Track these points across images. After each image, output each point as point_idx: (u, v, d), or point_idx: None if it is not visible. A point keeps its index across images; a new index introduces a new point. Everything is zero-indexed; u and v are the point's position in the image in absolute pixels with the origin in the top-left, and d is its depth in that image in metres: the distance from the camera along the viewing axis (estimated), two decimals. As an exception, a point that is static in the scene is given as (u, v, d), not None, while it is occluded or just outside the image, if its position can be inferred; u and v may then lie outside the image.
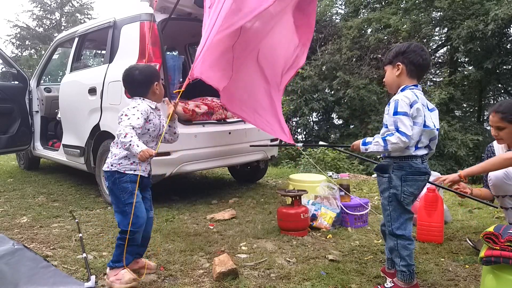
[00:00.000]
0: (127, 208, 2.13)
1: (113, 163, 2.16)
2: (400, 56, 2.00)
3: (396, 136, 1.86)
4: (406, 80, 2.00)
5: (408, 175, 1.95)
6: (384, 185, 2.01)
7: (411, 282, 1.99)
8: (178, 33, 4.74)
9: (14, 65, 4.96)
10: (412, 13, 11.20)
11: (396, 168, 1.96)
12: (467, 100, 12.96)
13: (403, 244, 1.98)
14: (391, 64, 2.04)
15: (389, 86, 2.09)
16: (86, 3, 22.20)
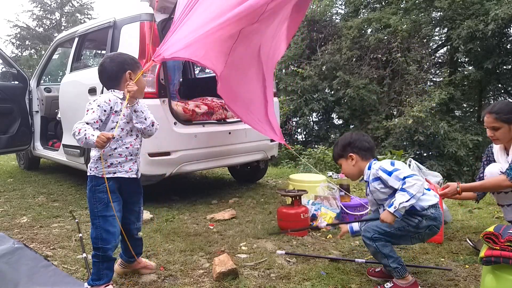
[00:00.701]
0: (97, 220, 1.92)
1: (91, 167, 1.97)
2: (348, 147, 2.19)
3: (408, 181, 1.93)
4: (362, 163, 2.17)
5: (435, 227, 2.05)
6: (410, 222, 2.03)
7: (405, 273, 2.04)
8: (178, 33, 4.73)
9: (14, 65, 4.97)
10: (412, 13, 11.19)
11: (431, 218, 2.03)
12: (467, 100, 12.95)
13: (381, 243, 2.05)
14: (344, 157, 2.21)
15: (351, 176, 2.24)
16: (86, 3, 22.23)
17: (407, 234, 2.05)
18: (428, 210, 2.02)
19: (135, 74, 2.03)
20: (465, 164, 9.59)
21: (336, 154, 2.25)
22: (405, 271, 2.04)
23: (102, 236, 1.93)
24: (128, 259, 2.21)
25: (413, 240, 2.10)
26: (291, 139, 11.62)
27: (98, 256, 1.94)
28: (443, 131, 9.05)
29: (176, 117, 3.57)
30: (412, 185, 1.92)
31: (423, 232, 2.04)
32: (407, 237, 2.07)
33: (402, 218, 2.00)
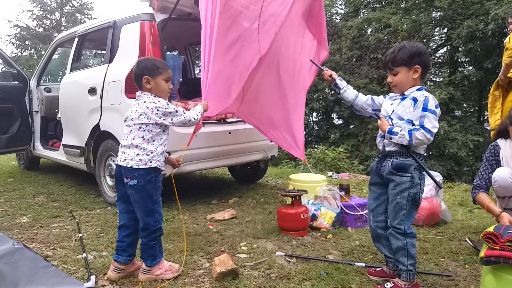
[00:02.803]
0: (156, 206, 2.15)
1: (152, 159, 2.12)
2: (417, 58, 1.99)
3: (421, 133, 1.90)
4: (419, 82, 2.04)
5: (422, 173, 2.01)
6: (404, 185, 1.98)
7: (414, 279, 2.00)
8: (178, 33, 4.74)
9: (14, 65, 4.96)
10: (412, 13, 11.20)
11: (417, 168, 1.98)
12: (467, 100, 12.96)
13: (412, 242, 1.99)
14: (407, 66, 2.01)
15: (400, 87, 2.07)
16: (86, 3, 22.20)
17: (415, 198, 1.98)
18: (413, 159, 1.98)
19: (153, 79, 2.21)
20: (465, 164, 9.60)
21: (399, 59, 2.00)
22: (415, 277, 2.01)
23: (159, 219, 2.18)
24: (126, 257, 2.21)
25: (421, 197, 2.02)
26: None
27: (156, 237, 2.17)
28: (443, 131, 9.05)
29: (176, 117, 3.57)
30: (420, 139, 1.90)
31: (421, 185, 2.00)
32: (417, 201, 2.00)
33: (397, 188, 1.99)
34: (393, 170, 2.01)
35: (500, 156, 2.67)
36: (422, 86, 2.04)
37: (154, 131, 2.16)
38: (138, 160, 2.11)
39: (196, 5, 3.68)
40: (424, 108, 1.92)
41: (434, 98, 1.97)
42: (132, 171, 2.11)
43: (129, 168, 2.11)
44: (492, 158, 2.70)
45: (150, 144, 2.14)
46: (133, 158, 2.11)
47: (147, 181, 2.11)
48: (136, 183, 2.10)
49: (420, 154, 2.02)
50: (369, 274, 2.25)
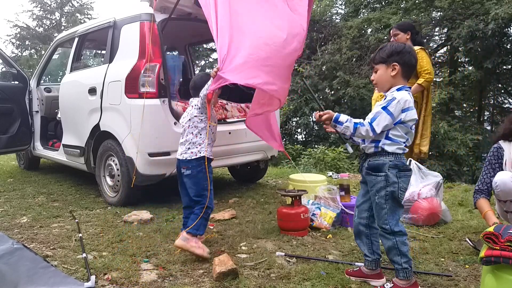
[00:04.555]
0: (206, 192, 2.53)
1: (201, 150, 2.53)
2: (395, 56, 2.00)
3: (366, 129, 1.95)
4: (400, 80, 2.03)
5: (401, 172, 2.01)
6: (380, 184, 2.01)
7: (412, 278, 2.01)
8: (178, 33, 4.74)
9: (14, 65, 4.96)
10: (412, 13, 11.19)
11: (391, 166, 2.00)
12: (467, 100, 12.94)
13: (402, 240, 2.00)
14: (385, 64, 2.04)
15: (380, 85, 2.09)
16: (86, 3, 22.19)
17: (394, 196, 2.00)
18: (386, 158, 2.00)
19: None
20: (465, 164, 9.58)
21: (379, 58, 2.05)
22: (412, 274, 2.02)
23: (212, 198, 2.57)
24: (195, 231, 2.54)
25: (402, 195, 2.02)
26: (291, 139, 11.62)
27: (208, 214, 2.57)
28: (443, 131, 9.04)
29: (176, 117, 3.57)
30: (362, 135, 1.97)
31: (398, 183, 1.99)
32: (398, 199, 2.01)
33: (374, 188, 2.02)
34: (368, 170, 2.06)
35: (504, 159, 2.65)
36: (404, 86, 2.02)
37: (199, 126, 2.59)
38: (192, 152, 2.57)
39: (196, 5, 3.70)
40: (384, 107, 1.95)
41: (406, 101, 1.95)
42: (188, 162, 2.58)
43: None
44: (495, 161, 2.67)
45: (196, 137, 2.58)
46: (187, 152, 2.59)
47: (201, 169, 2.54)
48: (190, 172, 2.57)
49: (396, 153, 2.00)
50: (347, 273, 2.24)
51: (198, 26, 4.23)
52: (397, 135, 1.99)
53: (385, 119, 1.94)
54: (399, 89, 2.01)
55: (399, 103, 1.93)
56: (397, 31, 3.81)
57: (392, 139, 1.99)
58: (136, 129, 3.45)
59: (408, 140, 2.03)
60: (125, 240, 2.83)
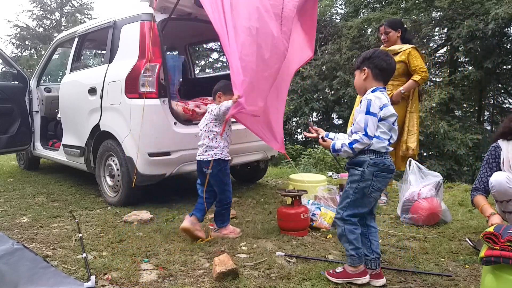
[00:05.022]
0: (226, 187, 2.95)
1: (217, 153, 2.86)
2: (366, 61, 2.16)
3: (362, 143, 2.05)
4: (372, 83, 2.15)
5: (380, 172, 2.08)
6: (355, 177, 2.12)
7: (358, 265, 2.12)
8: (178, 33, 4.74)
9: (14, 65, 4.96)
10: (412, 13, 11.19)
11: (371, 164, 2.08)
12: (467, 100, 12.94)
13: (350, 228, 2.12)
14: (359, 69, 2.20)
15: (358, 90, 2.26)
16: (86, 3, 22.19)
17: (363, 192, 2.09)
18: (367, 156, 2.07)
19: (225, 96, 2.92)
20: (465, 163, 9.59)
21: (355, 65, 2.26)
22: (360, 262, 2.11)
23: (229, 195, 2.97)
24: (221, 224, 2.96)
25: (373, 194, 2.10)
26: (291, 139, 11.62)
27: (227, 208, 2.96)
28: (443, 131, 9.05)
29: (176, 117, 3.57)
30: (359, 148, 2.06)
31: (372, 181, 2.07)
32: (367, 196, 2.10)
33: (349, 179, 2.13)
34: (349, 165, 2.17)
35: (501, 158, 2.66)
36: (378, 87, 2.12)
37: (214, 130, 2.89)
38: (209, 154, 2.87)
39: (196, 5, 3.70)
40: (367, 112, 2.05)
41: (380, 99, 2.05)
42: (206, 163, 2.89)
43: None
44: (492, 160, 2.69)
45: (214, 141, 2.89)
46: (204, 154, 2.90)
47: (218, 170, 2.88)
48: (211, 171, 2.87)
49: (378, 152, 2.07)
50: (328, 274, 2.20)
51: (198, 26, 4.23)
52: (381, 132, 2.07)
53: (373, 121, 2.04)
54: (373, 90, 2.13)
55: (375, 102, 2.05)
56: (389, 29, 3.81)
57: (377, 137, 2.07)
58: (136, 129, 3.45)
59: (392, 137, 2.10)
60: (125, 240, 2.83)
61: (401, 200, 3.34)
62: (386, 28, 3.81)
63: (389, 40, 3.83)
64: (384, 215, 3.50)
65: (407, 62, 3.73)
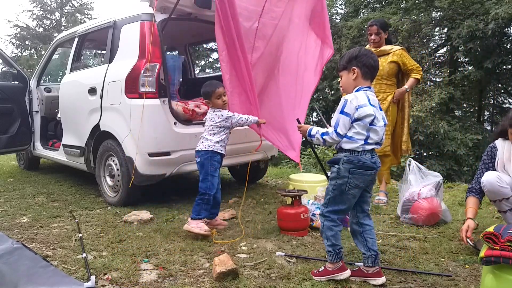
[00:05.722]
0: (209, 177, 2.91)
1: (210, 145, 2.94)
2: (354, 61, 2.16)
3: (330, 137, 2.13)
4: (361, 82, 2.16)
5: (356, 169, 2.10)
6: (333, 174, 2.18)
7: (337, 262, 2.16)
8: (178, 33, 4.74)
9: (14, 65, 4.96)
10: (412, 13, 11.19)
11: (346, 161, 2.11)
12: (467, 100, 12.95)
13: (328, 225, 2.16)
14: (346, 70, 2.19)
15: (346, 90, 2.24)
16: (86, 3, 22.20)
17: (341, 189, 2.12)
18: (342, 154, 2.12)
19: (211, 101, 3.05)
20: (465, 163, 9.59)
21: (341, 66, 2.23)
22: (337, 259, 2.16)
23: (209, 187, 2.91)
24: (209, 215, 3.02)
25: (351, 191, 2.12)
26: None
27: (203, 199, 2.91)
28: (443, 131, 9.05)
29: (176, 117, 3.57)
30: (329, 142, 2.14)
31: (349, 178, 2.10)
32: (345, 193, 2.12)
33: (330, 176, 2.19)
34: (330, 163, 2.23)
35: (496, 157, 2.67)
36: (361, 87, 2.14)
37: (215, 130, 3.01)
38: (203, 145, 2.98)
39: (196, 5, 3.70)
40: (341, 111, 2.10)
41: (357, 99, 2.07)
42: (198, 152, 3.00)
43: None
44: (489, 161, 2.72)
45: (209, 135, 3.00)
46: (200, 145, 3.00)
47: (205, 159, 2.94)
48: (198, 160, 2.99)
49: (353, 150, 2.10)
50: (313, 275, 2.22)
51: (198, 26, 4.22)
52: (355, 132, 2.09)
53: (342, 120, 2.09)
54: (357, 90, 2.15)
55: (351, 103, 2.07)
56: (380, 30, 3.86)
57: (349, 137, 2.10)
58: (136, 129, 3.45)
59: (369, 137, 2.09)
60: (125, 240, 2.83)
61: (401, 200, 3.34)
62: (378, 29, 3.86)
63: (379, 41, 3.87)
64: (384, 215, 3.50)
65: (400, 63, 3.83)
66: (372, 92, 2.16)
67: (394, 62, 3.81)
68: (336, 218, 2.17)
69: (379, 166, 2.16)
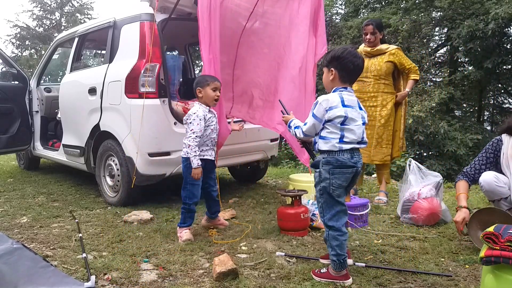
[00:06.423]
0: (188, 186, 2.86)
1: (188, 152, 2.80)
2: (334, 61, 2.16)
3: (299, 133, 2.27)
4: (338, 83, 2.18)
5: (335, 169, 2.12)
6: (316, 179, 2.20)
7: (340, 271, 2.15)
8: (178, 33, 4.74)
9: (14, 65, 4.96)
10: (412, 13, 11.19)
11: (324, 163, 2.14)
12: (467, 100, 12.96)
13: (333, 235, 2.14)
14: (327, 68, 2.20)
15: (326, 87, 2.27)
16: (86, 3, 22.19)
17: (326, 191, 2.14)
18: (321, 156, 2.17)
19: (203, 89, 2.86)
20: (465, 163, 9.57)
21: (324, 61, 2.27)
22: (341, 268, 2.14)
23: (189, 195, 2.86)
24: (211, 215, 3.08)
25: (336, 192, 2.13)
26: (291, 139, 11.61)
27: (185, 208, 2.86)
28: (443, 131, 9.05)
29: (176, 117, 3.57)
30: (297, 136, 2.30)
31: (330, 179, 2.12)
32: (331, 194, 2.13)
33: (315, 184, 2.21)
34: (312, 168, 2.27)
35: (502, 151, 2.69)
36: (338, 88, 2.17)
37: None
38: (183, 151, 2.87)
39: (196, 5, 3.70)
40: (312, 113, 2.16)
41: (328, 101, 2.10)
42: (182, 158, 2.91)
43: None
44: (491, 152, 2.75)
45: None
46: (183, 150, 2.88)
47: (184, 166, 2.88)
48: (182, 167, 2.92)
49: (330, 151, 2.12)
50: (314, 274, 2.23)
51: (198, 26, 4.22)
52: (328, 132, 2.13)
53: (311, 122, 2.17)
54: (334, 90, 2.18)
55: (321, 105, 2.12)
56: (376, 29, 3.87)
57: (324, 137, 2.14)
58: (136, 129, 3.45)
59: (344, 136, 2.10)
60: (125, 240, 2.83)
61: (401, 200, 3.34)
62: (374, 29, 3.87)
63: (374, 41, 3.87)
64: (384, 215, 3.50)
65: (397, 62, 3.85)
66: (349, 92, 2.17)
67: (391, 61, 3.83)
68: (340, 225, 2.14)
69: (359, 167, 2.17)
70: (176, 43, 5.40)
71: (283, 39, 3.47)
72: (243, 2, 3.44)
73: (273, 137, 4.33)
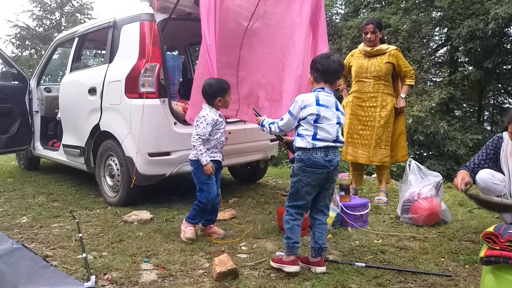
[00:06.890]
0: (204, 186, 2.83)
1: (196, 153, 2.78)
2: (313, 65, 2.38)
3: (274, 127, 2.44)
4: (316, 85, 2.36)
5: (307, 167, 2.25)
6: (291, 173, 2.36)
7: (289, 254, 2.28)
8: (178, 33, 4.73)
9: (14, 65, 4.96)
10: (412, 13, 11.19)
11: (297, 160, 2.29)
12: (467, 100, 12.96)
13: (286, 218, 2.32)
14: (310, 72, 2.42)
15: None
16: (86, 3, 22.18)
17: (296, 186, 2.27)
18: (297, 153, 2.30)
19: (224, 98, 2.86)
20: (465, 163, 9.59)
21: None
22: (289, 252, 2.27)
23: (206, 196, 2.82)
24: (205, 222, 2.96)
25: (304, 188, 2.26)
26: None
27: (200, 206, 2.84)
28: (443, 131, 9.05)
29: (176, 117, 3.57)
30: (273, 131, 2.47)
31: (301, 176, 2.25)
32: (300, 190, 2.27)
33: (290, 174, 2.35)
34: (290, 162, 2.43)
35: (502, 148, 2.73)
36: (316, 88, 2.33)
37: None
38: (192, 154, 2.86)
39: (196, 5, 3.70)
40: (289, 109, 2.32)
41: (303, 100, 2.26)
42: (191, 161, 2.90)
43: None
44: (492, 148, 2.80)
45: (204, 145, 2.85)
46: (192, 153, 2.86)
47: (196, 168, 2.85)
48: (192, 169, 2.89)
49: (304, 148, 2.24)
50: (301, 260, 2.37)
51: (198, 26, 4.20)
52: (303, 129, 2.26)
53: (286, 118, 2.34)
54: (313, 91, 2.34)
55: (296, 103, 2.28)
56: (376, 28, 3.88)
57: (300, 134, 2.28)
58: (136, 129, 3.45)
59: (316, 133, 2.22)
60: (125, 240, 2.83)
61: (401, 200, 3.34)
62: (375, 28, 3.87)
63: (374, 40, 3.87)
64: (384, 215, 3.50)
65: (395, 64, 3.86)
66: (327, 92, 2.30)
67: (390, 62, 3.83)
68: (294, 212, 2.31)
69: (335, 165, 2.27)
70: (176, 43, 5.40)
71: (286, 39, 3.46)
72: (244, 2, 3.44)
73: (273, 137, 4.33)
